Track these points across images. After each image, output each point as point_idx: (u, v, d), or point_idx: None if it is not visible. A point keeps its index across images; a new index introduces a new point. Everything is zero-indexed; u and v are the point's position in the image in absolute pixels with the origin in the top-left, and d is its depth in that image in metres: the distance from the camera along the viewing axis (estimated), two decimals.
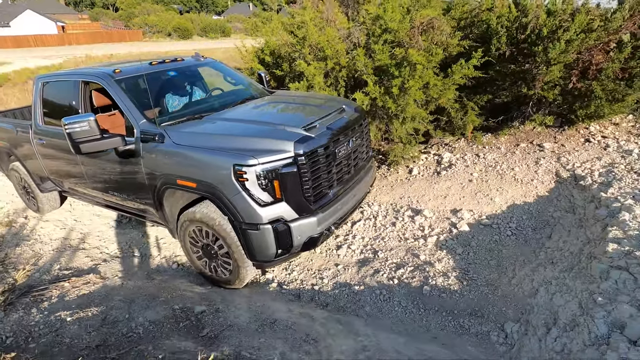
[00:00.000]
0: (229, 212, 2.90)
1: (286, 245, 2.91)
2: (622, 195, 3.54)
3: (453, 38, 4.59)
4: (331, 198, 3.17)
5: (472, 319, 2.80)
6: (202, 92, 4.60)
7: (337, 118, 3.36)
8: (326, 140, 3.02)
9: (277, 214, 2.83)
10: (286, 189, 2.81)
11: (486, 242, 3.78)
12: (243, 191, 2.76)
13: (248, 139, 2.93)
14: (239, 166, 2.71)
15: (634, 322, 2.15)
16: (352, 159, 3.45)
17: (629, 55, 4.08)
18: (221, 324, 2.71)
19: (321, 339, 2.51)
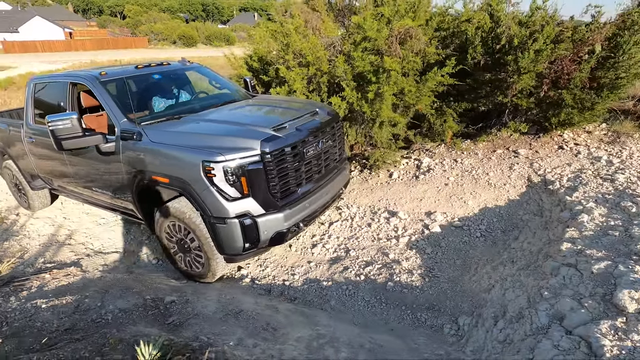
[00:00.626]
0: (199, 207, 3.05)
1: (253, 240, 3.05)
2: (585, 198, 3.66)
3: (429, 47, 4.77)
4: (299, 196, 3.32)
5: (429, 312, 2.90)
6: (188, 95, 4.79)
7: (308, 120, 3.52)
8: (294, 140, 3.17)
9: (244, 209, 2.98)
10: (253, 185, 2.96)
11: (455, 243, 3.89)
12: (211, 186, 2.91)
13: (218, 138, 3.10)
14: (207, 162, 2.87)
15: (573, 314, 2.26)
16: (322, 159, 3.59)
17: (596, 65, 4.23)
18: (188, 313, 2.82)
19: (281, 327, 2.63)
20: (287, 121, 3.34)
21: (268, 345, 2.34)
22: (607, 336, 1.99)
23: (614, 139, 4.75)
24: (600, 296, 2.33)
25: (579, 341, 2.05)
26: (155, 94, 4.30)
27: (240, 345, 2.31)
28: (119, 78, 3.94)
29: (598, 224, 3.18)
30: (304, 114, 3.59)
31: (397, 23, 4.91)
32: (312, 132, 3.41)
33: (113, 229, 5.08)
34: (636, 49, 4.10)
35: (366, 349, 2.36)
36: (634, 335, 1.95)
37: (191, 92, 4.91)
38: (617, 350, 1.89)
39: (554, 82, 4.50)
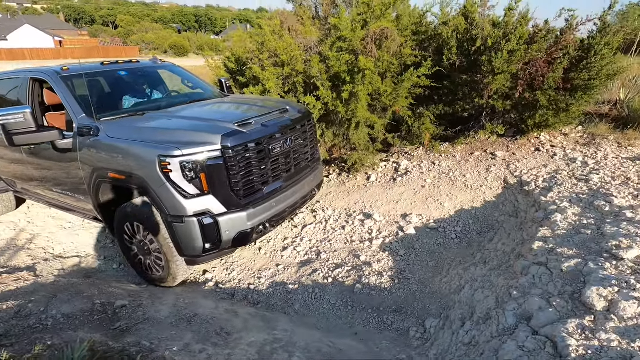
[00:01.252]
0: (156, 205, 2.88)
1: (214, 240, 2.86)
2: (560, 198, 3.59)
3: (405, 48, 4.73)
4: (265, 195, 3.15)
5: (396, 315, 2.75)
6: (160, 95, 4.64)
7: (277, 117, 3.39)
8: (258, 136, 3.01)
9: (203, 207, 2.80)
10: (213, 182, 2.79)
11: (430, 245, 3.77)
12: (168, 183, 2.74)
13: (177, 132, 2.95)
14: (163, 157, 2.70)
15: (541, 313, 2.13)
16: (291, 157, 3.45)
17: (569, 66, 4.23)
18: (138, 318, 2.62)
19: (235, 332, 2.45)
20: (252, 117, 3.21)
21: (216, 350, 2.16)
22: (574, 336, 1.86)
23: (589, 141, 4.72)
24: (569, 294, 2.21)
25: (545, 341, 1.91)
26: (123, 92, 4.14)
27: (185, 351, 2.12)
28: (81, 74, 3.78)
29: (571, 222, 3.09)
30: (273, 111, 3.45)
31: (373, 24, 4.88)
32: (280, 129, 3.26)
33: (78, 232, 4.84)
34: (607, 50, 4.11)
35: (323, 354, 2.19)
36: (602, 334, 1.83)
37: (164, 91, 4.77)
38: (582, 350, 1.76)
39: (529, 84, 4.48)
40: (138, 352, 1.96)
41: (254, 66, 4.65)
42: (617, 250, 2.46)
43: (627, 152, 4.29)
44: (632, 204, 3.18)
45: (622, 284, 2.12)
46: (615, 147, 4.45)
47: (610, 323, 1.89)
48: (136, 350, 1.98)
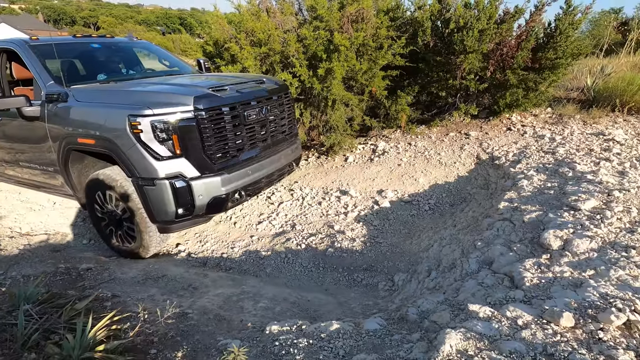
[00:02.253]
0: (127, 168, 2.79)
1: (187, 204, 2.77)
2: (527, 168, 3.70)
3: (381, 29, 4.81)
4: (240, 161, 3.09)
5: (366, 273, 2.77)
6: (134, 73, 4.56)
7: (253, 86, 3.35)
8: (232, 101, 2.94)
9: (175, 170, 2.71)
10: (186, 144, 2.71)
11: (404, 216, 3.82)
12: (138, 143, 2.64)
13: (149, 94, 2.89)
14: (132, 117, 2.61)
15: (502, 257, 2.19)
16: (267, 127, 3.38)
17: (536, 46, 4.38)
18: (103, 279, 2.56)
19: (202, 287, 2.42)
20: (227, 84, 3.11)
21: (181, 300, 2.13)
22: (530, 270, 1.92)
23: (557, 120, 4.89)
24: (529, 240, 2.28)
25: (503, 278, 1.97)
26: (96, 65, 4.01)
27: (148, 300, 2.09)
28: (51, 44, 3.69)
29: (536, 186, 3.19)
30: (249, 81, 3.40)
31: (351, 7, 4.95)
32: (255, 96, 3.19)
33: (48, 213, 4.69)
34: (571, 30, 4.28)
35: (290, 302, 2.19)
36: (556, 267, 1.89)
37: (140, 70, 4.68)
38: (537, 280, 1.82)
39: (500, 64, 4.61)
40: (96, 297, 1.91)
41: (232, 44, 4.65)
42: (575, 202, 2.56)
43: (592, 129, 4.46)
44: (593, 169, 3.31)
45: (578, 226, 2.20)
46: (581, 125, 4.62)
47: (565, 258, 1.96)
48: (91, 293, 1.94)
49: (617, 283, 1.69)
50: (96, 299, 1.94)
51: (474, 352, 1.24)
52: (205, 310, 1.93)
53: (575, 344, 1.26)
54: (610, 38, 12.67)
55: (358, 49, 4.90)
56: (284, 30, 5.34)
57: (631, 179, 2.97)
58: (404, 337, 1.47)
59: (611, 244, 1.98)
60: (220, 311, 1.94)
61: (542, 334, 1.33)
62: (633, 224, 2.20)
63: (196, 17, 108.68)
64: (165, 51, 4.83)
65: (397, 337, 1.47)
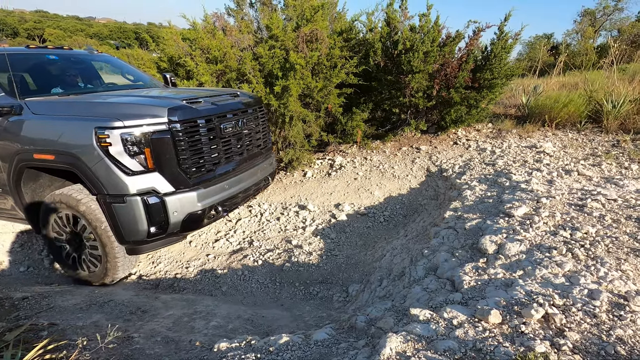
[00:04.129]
0: (93, 186, 2.54)
1: (160, 222, 2.58)
2: (471, 179, 3.98)
3: (334, 49, 5.02)
4: (216, 175, 2.93)
5: (321, 286, 2.82)
6: (92, 85, 4.05)
7: (227, 99, 3.23)
8: (208, 113, 2.83)
9: (148, 185, 2.53)
10: (159, 158, 2.54)
11: (360, 228, 3.93)
12: (106, 158, 2.44)
13: (118, 105, 2.68)
14: (101, 129, 2.41)
15: (446, 263, 2.33)
16: (243, 141, 3.28)
17: (475, 67, 4.79)
18: (41, 308, 2.38)
19: (152, 310, 2.33)
20: (202, 97, 2.99)
21: (127, 324, 2.04)
22: (469, 274, 2.07)
23: (497, 134, 5.33)
24: (469, 246, 2.45)
25: (445, 282, 2.10)
26: (52, 78, 3.67)
27: (91, 326, 1.98)
28: (2, 54, 3.32)
29: (478, 196, 3.45)
30: (223, 94, 3.30)
31: (306, 27, 5.14)
32: (231, 109, 3.10)
33: None
34: (504, 54, 4.74)
35: (244, 319, 2.17)
36: (491, 270, 2.06)
37: (99, 85, 4.20)
38: (474, 283, 1.96)
39: (445, 83, 4.98)
40: (30, 327, 1.79)
41: (188, 60, 4.62)
42: (510, 209, 2.80)
43: (526, 142, 4.91)
44: (527, 179, 3.63)
45: (510, 231, 2.41)
46: (517, 138, 5.08)
47: (498, 261, 2.14)
48: (27, 324, 1.81)
49: (541, 281, 1.87)
50: (30, 329, 1.81)
51: (412, 353, 1.32)
52: (152, 333, 1.87)
53: (500, 338, 1.39)
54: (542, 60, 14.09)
55: (313, 68, 5.07)
56: (240, 48, 5.42)
57: (557, 187, 3.30)
58: (350, 344, 1.53)
59: (537, 246, 2.19)
60: (168, 333, 1.88)
61: (473, 331, 1.44)
62: (557, 227, 2.44)
63: (152, 32, 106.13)
64: (128, 65, 4.62)
65: (344, 345, 1.52)
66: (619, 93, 5.07)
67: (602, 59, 9.80)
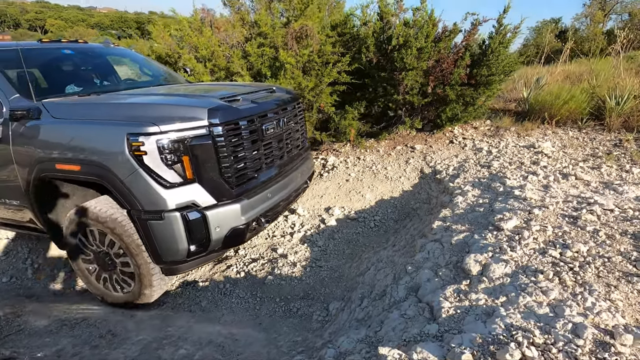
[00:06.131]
0: (125, 200, 2.27)
1: (201, 240, 2.31)
2: (464, 183, 3.84)
3: (326, 45, 4.83)
4: (259, 183, 2.65)
5: (302, 302, 2.73)
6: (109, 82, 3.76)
7: (265, 96, 2.96)
8: (250, 113, 2.56)
9: (187, 199, 2.25)
10: (199, 166, 2.27)
11: (349, 234, 3.82)
12: (141, 169, 2.16)
13: (151, 107, 2.41)
14: (134, 136, 2.13)
15: (428, 284, 2.22)
16: (284, 142, 3.02)
17: (472, 63, 4.59)
18: (11, 329, 2.33)
19: (123, 332, 2.26)
20: (240, 94, 2.74)
21: (94, 352, 1.97)
22: (449, 299, 1.96)
23: (495, 132, 5.15)
24: (453, 264, 2.33)
25: (425, 307, 1.99)
26: (66, 76, 3.36)
27: (54, 356, 1.91)
28: (12, 49, 3.07)
29: (469, 203, 3.31)
30: (259, 90, 3.05)
31: (296, 23, 4.94)
32: (272, 108, 2.83)
33: None
34: (502, 49, 4.52)
35: (215, 345, 2.09)
36: (473, 295, 1.94)
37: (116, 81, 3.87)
38: (453, 311, 1.85)
39: (440, 80, 4.78)
40: None
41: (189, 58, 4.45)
42: (499, 222, 2.66)
43: (524, 141, 4.73)
44: (521, 183, 3.48)
45: (496, 249, 2.29)
46: (515, 137, 4.89)
47: (482, 284, 2.02)
48: None
49: (524, 310, 1.75)
50: None
51: None
52: None
53: None
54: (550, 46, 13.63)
55: (304, 66, 4.90)
56: (230, 45, 5.25)
57: (552, 194, 3.15)
58: None
59: (523, 268, 2.06)
60: None
61: None
62: (547, 243, 2.31)
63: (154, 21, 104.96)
64: (147, 58, 4.30)
65: None
66: (624, 87, 4.84)
67: (611, 45, 9.41)
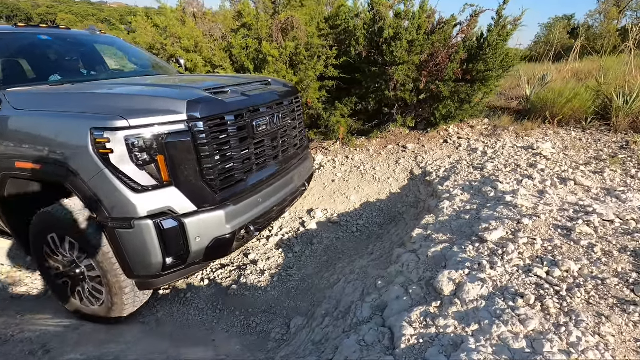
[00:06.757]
0: (90, 205, 2.00)
1: (179, 251, 2.01)
2: (454, 186, 3.55)
3: (313, 38, 4.57)
4: (248, 187, 2.34)
5: (263, 316, 2.49)
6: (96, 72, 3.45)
7: (259, 88, 2.66)
8: (239, 107, 2.24)
9: (162, 205, 1.96)
10: (177, 167, 1.97)
11: (328, 240, 3.57)
12: (107, 169, 1.88)
13: (121, 98, 2.14)
14: (98, 131, 1.85)
15: (396, 302, 1.97)
16: (279, 140, 2.70)
17: (468, 58, 4.28)
18: None
19: (58, 348, 2.05)
20: (228, 85, 2.44)
21: None
22: (414, 324, 1.70)
23: (492, 132, 4.83)
24: (426, 281, 2.07)
25: (386, 333, 1.74)
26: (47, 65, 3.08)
27: None
28: None
29: (456, 209, 3.03)
30: (253, 82, 2.76)
31: (281, 15, 4.68)
32: (265, 102, 2.52)
33: None
34: (501, 43, 4.21)
35: None
36: (441, 320, 1.68)
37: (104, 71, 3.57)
38: (415, 340, 1.59)
39: (434, 75, 4.49)
40: None
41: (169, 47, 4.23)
42: (484, 232, 2.39)
43: (523, 142, 4.41)
44: (514, 188, 3.19)
45: (475, 265, 2.02)
46: (513, 137, 4.58)
47: (453, 308, 1.76)
48: None
49: (496, 343, 1.49)
50: None
51: None
52: None
53: None
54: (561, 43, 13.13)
55: (291, 59, 4.64)
56: (216, 38, 5.01)
57: (547, 201, 2.86)
58: None
59: (501, 290, 1.79)
60: None
61: None
62: (533, 259, 2.04)
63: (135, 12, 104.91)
64: (136, 47, 4.01)
65: None
66: (634, 85, 4.48)
67: (625, 43, 8.95)
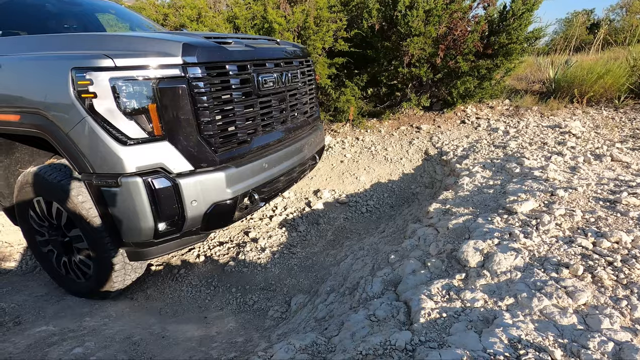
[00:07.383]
0: (71, 160, 1.74)
1: (172, 216, 1.75)
2: (473, 164, 3.26)
3: (322, 11, 4.30)
4: (252, 149, 2.06)
5: (261, 293, 2.24)
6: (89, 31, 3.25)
7: (267, 44, 2.39)
8: (243, 57, 1.98)
9: (153, 161, 1.70)
10: (171, 119, 1.70)
11: (337, 220, 3.31)
12: (90, 117, 1.61)
13: (110, 38, 1.91)
14: (80, 71, 1.58)
15: (412, 277, 1.69)
16: (287, 103, 2.40)
17: (490, 30, 3.96)
18: None
19: (31, 321, 1.83)
20: (232, 37, 2.17)
21: None
22: (434, 298, 1.43)
23: (514, 112, 4.50)
24: (447, 253, 1.79)
25: (400, 307, 1.47)
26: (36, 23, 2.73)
27: None
28: None
29: (477, 184, 2.74)
30: (260, 38, 2.53)
31: None
32: (272, 57, 2.26)
33: None
34: (527, 13, 3.87)
35: (131, 342, 1.64)
36: (467, 293, 1.41)
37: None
38: (436, 314, 1.32)
39: (453, 50, 4.17)
40: None
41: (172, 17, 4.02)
42: (512, 204, 2.09)
43: (549, 121, 4.07)
44: (543, 164, 2.88)
45: (505, 235, 1.73)
46: (537, 117, 4.24)
47: (481, 280, 1.48)
48: None
49: (539, 319, 1.21)
50: None
51: None
52: None
53: None
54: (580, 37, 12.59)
55: (299, 34, 4.38)
56: (220, 12, 4.79)
57: (582, 175, 2.55)
58: None
59: (540, 260, 1.51)
60: None
61: None
62: (574, 231, 1.74)
63: None
64: (140, 15, 3.71)
65: None
66: None
67: None
